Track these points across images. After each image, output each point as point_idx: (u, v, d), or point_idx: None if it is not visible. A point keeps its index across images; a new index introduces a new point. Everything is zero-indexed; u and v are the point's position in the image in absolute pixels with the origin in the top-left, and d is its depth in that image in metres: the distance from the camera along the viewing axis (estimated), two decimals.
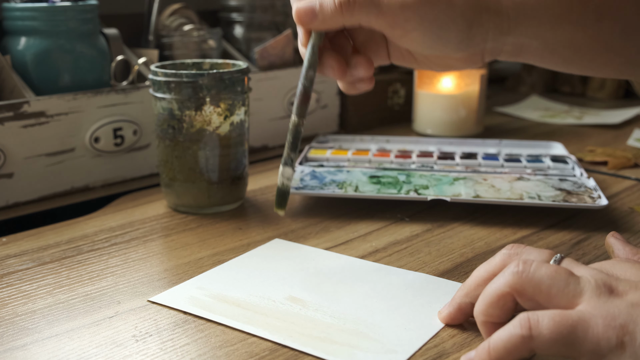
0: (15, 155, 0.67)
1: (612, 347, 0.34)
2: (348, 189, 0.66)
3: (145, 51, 0.82)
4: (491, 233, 0.60)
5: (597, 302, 0.35)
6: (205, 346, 0.42)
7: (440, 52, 0.48)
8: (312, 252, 0.56)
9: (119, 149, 0.74)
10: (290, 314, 0.46)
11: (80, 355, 0.41)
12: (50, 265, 0.54)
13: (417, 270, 0.53)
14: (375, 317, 0.45)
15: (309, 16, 0.47)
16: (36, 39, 0.70)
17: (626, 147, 0.89)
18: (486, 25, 0.48)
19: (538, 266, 0.37)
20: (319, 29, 0.48)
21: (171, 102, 0.61)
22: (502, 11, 0.48)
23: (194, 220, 0.63)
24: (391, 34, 0.47)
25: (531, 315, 0.35)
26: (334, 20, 0.47)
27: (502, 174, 0.71)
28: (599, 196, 0.64)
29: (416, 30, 0.47)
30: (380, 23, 0.46)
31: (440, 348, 0.42)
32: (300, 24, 0.48)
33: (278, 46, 0.89)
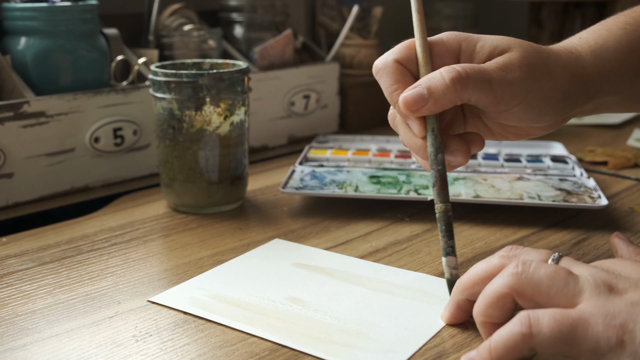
0: (15, 155, 0.67)
1: (612, 346, 0.34)
2: (348, 189, 0.66)
3: (145, 51, 0.82)
4: (491, 233, 0.60)
5: (597, 301, 0.35)
6: (205, 346, 0.42)
7: (536, 122, 0.48)
8: (312, 252, 0.56)
9: (119, 149, 0.74)
10: (290, 314, 0.46)
11: (80, 355, 0.41)
12: (50, 265, 0.54)
13: (417, 270, 0.53)
14: (375, 317, 0.45)
15: (419, 103, 0.45)
16: (36, 39, 0.70)
17: (626, 147, 0.89)
18: (579, 93, 0.48)
19: (537, 266, 0.37)
20: (432, 112, 0.46)
21: (171, 102, 0.61)
22: (588, 77, 0.49)
23: (194, 220, 0.63)
24: (494, 109, 0.47)
25: (531, 314, 0.35)
26: (446, 99, 0.45)
27: (502, 174, 0.71)
28: (599, 196, 0.64)
29: (520, 105, 0.46)
30: (488, 99, 0.46)
31: (440, 348, 0.42)
32: (410, 112, 0.46)
33: (278, 46, 0.89)
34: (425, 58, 0.47)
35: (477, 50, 0.47)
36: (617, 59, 0.49)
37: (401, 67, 0.47)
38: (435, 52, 0.47)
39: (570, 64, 0.48)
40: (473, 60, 0.47)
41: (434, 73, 0.46)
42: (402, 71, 0.47)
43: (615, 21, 0.51)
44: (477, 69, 0.45)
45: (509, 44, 0.47)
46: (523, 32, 1.31)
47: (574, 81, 0.48)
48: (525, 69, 0.46)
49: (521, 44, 0.47)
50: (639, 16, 0.51)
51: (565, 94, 0.48)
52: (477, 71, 0.45)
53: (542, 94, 0.47)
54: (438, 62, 0.47)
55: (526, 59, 0.46)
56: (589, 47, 0.49)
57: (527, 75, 0.46)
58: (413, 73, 0.48)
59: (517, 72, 0.46)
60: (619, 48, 0.49)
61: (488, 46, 0.47)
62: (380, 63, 0.47)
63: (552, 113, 0.48)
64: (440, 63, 0.47)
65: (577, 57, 0.49)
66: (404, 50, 0.47)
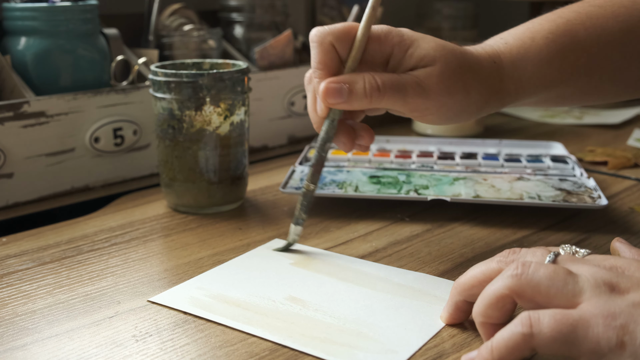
0: (15, 155, 0.67)
1: (612, 346, 0.34)
2: (348, 189, 0.66)
3: (145, 51, 0.82)
4: (491, 233, 0.60)
5: (597, 301, 0.35)
6: (205, 346, 0.42)
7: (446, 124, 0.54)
8: (312, 252, 0.56)
9: (119, 149, 0.74)
10: (290, 314, 0.46)
11: (80, 355, 0.41)
12: (50, 265, 0.54)
13: (417, 270, 0.53)
14: (375, 317, 0.45)
15: (336, 98, 0.49)
16: (36, 39, 0.70)
17: (626, 147, 0.89)
18: (493, 104, 0.52)
19: (536, 267, 0.37)
20: (343, 109, 0.50)
21: (171, 102, 0.61)
22: (504, 90, 0.52)
23: (194, 220, 0.63)
24: (407, 114, 0.51)
25: (532, 314, 0.35)
26: (359, 104, 0.49)
27: (502, 174, 0.71)
28: (599, 196, 0.64)
29: (432, 114, 0.50)
30: (402, 108, 0.50)
31: (440, 348, 0.42)
32: (324, 102, 0.49)
33: (278, 46, 0.89)
34: (359, 54, 0.50)
35: (405, 57, 0.50)
36: (534, 71, 0.52)
37: (333, 50, 0.49)
38: (369, 47, 0.50)
39: (490, 78, 0.51)
40: (400, 65, 0.50)
41: (358, 77, 0.49)
42: (332, 55, 0.49)
43: (540, 27, 0.53)
44: (396, 81, 0.48)
45: (435, 56, 0.49)
46: None
47: (491, 96, 0.51)
48: (442, 85, 0.49)
49: (446, 58, 0.49)
50: (563, 24, 0.53)
51: (479, 107, 0.51)
52: (396, 84, 0.48)
53: (455, 108, 0.50)
54: (368, 57, 0.50)
55: (445, 75, 0.49)
56: (510, 56, 0.52)
57: (441, 93, 0.49)
58: (341, 56, 0.50)
59: (432, 88, 0.49)
60: (538, 60, 0.52)
61: (416, 55, 0.49)
62: (316, 37, 0.49)
63: (465, 119, 0.52)
64: (370, 58, 0.50)
65: (498, 67, 0.51)
66: (342, 34, 0.49)
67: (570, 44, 0.52)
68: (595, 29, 0.52)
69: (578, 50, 0.52)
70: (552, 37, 0.52)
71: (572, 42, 0.52)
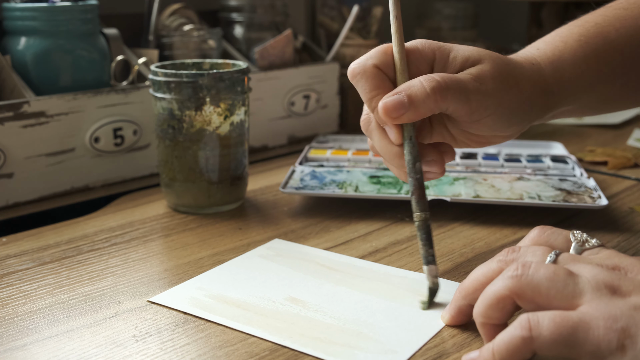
0: (15, 155, 0.67)
1: (613, 349, 0.34)
2: (348, 189, 0.66)
3: (145, 51, 0.82)
4: (491, 233, 0.60)
5: (598, 304, 0.35)
6: (205, 346, 0.42)
7: (503, 131, 0.50)
8: (312, 252, 0.56)
9: (119, 149, 0.74)
10: (290, 314, 0.46)
11: (80, 355, 0.41)
12: (50, 265, 0.54)
13: (417, 270, 0.53)
14: (376, 317, 0.45)
15: (399, 111, 0.46)
16: (36, 39, 0.70)
17: (626, 147, 0.89)
18: (541, 104, 0.50)
19: (536, 268, 0.37)
20: (411, 120, 0.46)
21: (171, 102, 0.61)
22: (549, 88, 0.50)
23: (194, 220, 0.63)
24: (467, 119, 0.48)
25: (531, 317, 0.35)
26: (426, 107, 0.46)
27: (502, 174, 0.71)
28: (599, 196, 0.64)
29: (491, 115, 0.48)
30: (464, 109, 0.47)
31: (440, 348, 0.42)
32: (389, 119, 0.46)
33: (278, 46, 0.89)
34: (403, 65, 0.47)
35: (450, 60, 0.48)
36: (573, 72, 0.51)
37: (380, 72, 0.47)
38: (410, 59, 0.48)
39: (533, 75, 0.50)
40: (446, 69, 0.48)
41: (413, 81, 0.46)
42: (381, 77, 0.47)
43: (570, 32, 0.52)
44: (455, 79, 0.46)
45: (480, 55, 0.48)
46: (523, 32, 1.31)
47: (538, 92, 0.50)
48: (497, 80, 0.47)
49: (491, 56, 0.48)
50: (592, 27, 0.52)
51: (531, 104, 0.49)
52: (455, 82, 0.46)
53: (512, 105, 0.48)
54: (414, 69, 0.48)
55: (497, 71, 0.47)
56: (547, 58, 0.51)
57: (499, 87, 0.47)
58: (390, 79, 0.48)
59: (490, 84, 0.47)
60: (574, 61, 0.51)
61: (460, 57, 0.48)
62: (359, 67, 0.47)
63: (518, 123, 0.50)
64: (416, 70, 0.48)
65: (538, 68, 0.50)
66: (382, 56, 0.48)
67: (604, 45, 0.52)
68: (626, 29, 0.52)
69: (612, 51, 0.52)
70: (585, 40, 0.52)
71: (604, 43, 0.52)
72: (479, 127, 0.49)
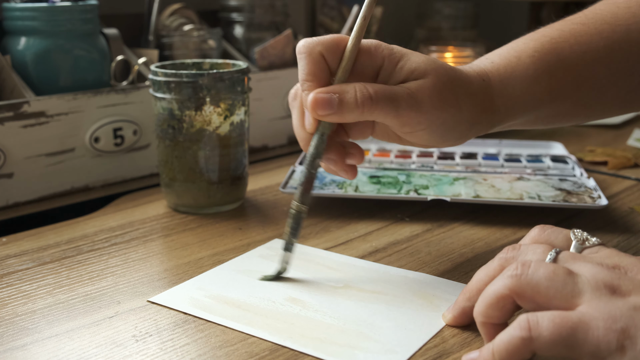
0: (15, 155, 0.67)
1: (612, 350, 0.34)
2: (348, 189, 0.66)
3: (145, 51, 0.82)
4: (491, 233, 0.60)
5: (597, 304, 0.35)
6: (205, 346, 0.42)
7: (436, 146, 0.51)
8: (312, 252, 0.56)
9: (119, 149, 0.74)
10: (290, 315, 0.46)
11: (80, 355, 0.41)
12: (50, 265, 0.54)
13: (417, 270, 0.53)
14: (376, 317, 0.45)
15: (325, 109, 0.46)
16: (36, 39, 0.70)
17: (626, 147, 0.89)
18: (484, 123, 0.51)
19: (536, 267, 0.37)
20: (333, 121, 0.48)
21: (171, 102, 0.61)
22: (494, 108, 0.51)
23: (194, 220, 0.63)
24: (398, 130, 0.49)
25: (531, 317, 0.35)
26: (350, 115, 0.46)
27: (502, 174, 0.71)
28: (599, 196, 0.64)
29: (424, 130, 0.48)
30: (393, 121, 0.47)
31: (440, 348, 0.42)
32: (313, 113, 0.47)
33: (278, 46, 0.89)
34: (349, 64, 0.48)
35: (396, 70, 0.48)
36: (522, 89, 0.51)
37: (323, 61, 0.47)
38: (359, 60, 0.48)
39: (479, 94, 0.50)
40: (390, 78, 0.48)
41: (348, 86, 0.46)
42: (322, 66, 0.47)
43: (525, 47, 0.52)
44: (389, 92, 0.46)
45: (426, 69, 0.48)
46: (523, 32, 1.31)
47: (481, 112, 0.50)
48: (435, 98, 0.47)
49: (437, 71, 0.48)
50: (547, 42, 0.52)
51: (470, 124, 0.50)
52: (388, 95, 0.46)
53: (447, 124, 0.48)
54: (359, 69, 0.48)
55: (438, 89, 0.47)
56: (499, 75, 0.51)
57: (435, 105, 0.47)
58: (330, 68, 0.48)
59: (425, 101, 0.47)
60: (525, 78, 0.51)
61: (407, 68, 0.48)
62: (305, 47, 0.47)
63: (455, 139, 0.50)
64: (360, 71, 0.48)
65: (487, 86, 0.50)
66: (332, 45, 0.47)
67: (556, 62, 0.51)
68: (580, 46, 0.52)
69: (564, 68, 0.52)
70: (538, 56, 0.52)
71: (557, 60, 0.52)
72: (412, 137, 0.49)
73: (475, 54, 0.99)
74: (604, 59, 0.52)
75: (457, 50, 1.02)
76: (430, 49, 1.01)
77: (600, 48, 0.52)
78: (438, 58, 0.53)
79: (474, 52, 1.00)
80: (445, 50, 1.02)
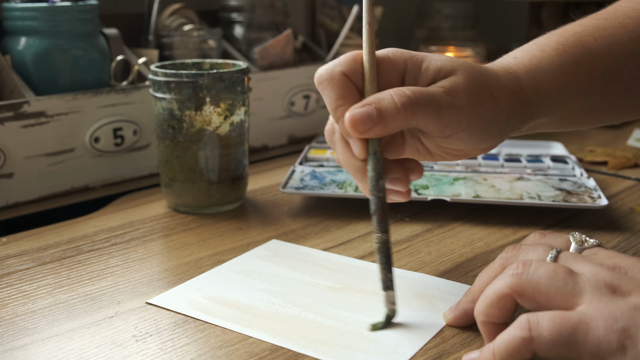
0: (15, 155, 0.67)
1: (613, 350, 0.34)
2: (348, 189, 0.66)
3: (145, 51, 0.82)
4: (491, 233, 0.60)
5: (598, 303, 0.35)
6: (205, 346, 0.42)
7: (479, 145, 0.47)
8: (310, 252, 0.56)
9: (119, 149, 0.74)
10: (290, 316, 0.46)
11: (80, 355, 0.41)
12: (50, 265, 0.54)
13: (417, 270, 0.53)
14: (376, 318, 0.45)
15: (367, 124, 0.43)
16: (36, 39, 0.70)
17: (626, 147, 0.89)
18: (519, 114, 0.48)
19: (537, 267, 0.37)
20: (378, 135, 0.44)
21: (171, 102, 0.61)
22: (526, 98, 0.48)
23: (194, 220, 0.63)
24: (440, 134, 0.45)
25: (531, 317, 0.35)
26: (395, 123, 0.43)
27: (502, 174, 0.71)
28: (599, 196, 0.64)
29: (466, 129, 0.45)
30: (436, 125, 0.44)
31: (440, 348, 0.42)
32: (356, 133, 0.43)
33: (278, 46, 0.89)
34: (373, 75, 0.45)
35: (422, 72, 0.46)
36: (551, 81, 0.49)
37: (348, 80, 0.44)
38: (381, 68, 0.45)
39: (509, 84, 0.47)
40: (418, 81, 0.46)
41: (383, 94, 0.43)
42: (349, 85, 0.44)
43: (548, 41, 0.51)
44: (427, 93, 0.44)
45: (453, 66, 0.46)
46: (523, 32, 1.31)
47: (515, 102, 0.47)
48: (471, 93, 0.45)
49: (465, 66, 0.46)
50: (571, 36, 0.50)
51: (508, 116, 0.47)
52: (427, 96, 0.43)
53: (487, 118, 0.46)
54: (384, 79, 0.45)
55: (471, 83, 0.45)
56: (524, 67, 0.49)
57: (472, 100, 0.45)
58: (358, 88, 0.45)
59: (463, 97, 0.44)
60: (552, 69, 0.49)
61: (433, 67, 0.45)
62: (326, 74, 0.44)
63: (496, 135, 0.47)
64: (386, 81, 0.45)
65: (515, 77, 0.48)
66: (351, 63, 0.45)
67: (582, 54, 0.50)
68: (605, 39, 0.50)
69: (590, 61, 0.50)
70: (563, 48, 0.50)
71: (583, 52, 0.50)
72: (453, 141, 0.46)
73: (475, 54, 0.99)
74: (630, 51, 0.51)
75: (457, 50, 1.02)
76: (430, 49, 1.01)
77: (626, 41, 0.50)
78: None
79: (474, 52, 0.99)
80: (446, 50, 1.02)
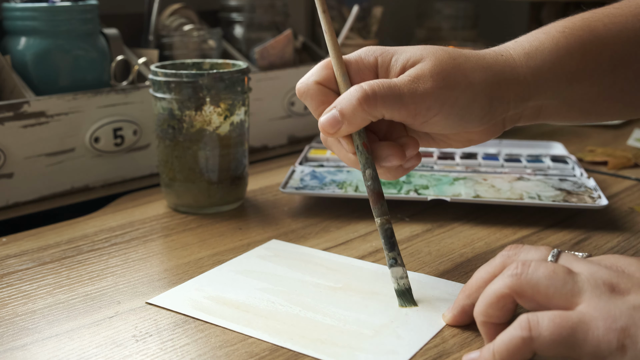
0: (15, 155, 0.67)
1: (613, 349, 0.34)
2: (348, 189, 0.66)
3: (145, 51, 0.82)
4: (491, 233, 0.60)
5: (597, 303, 0.35)
6: (205, 346, 0.42)
7: (463, 129, 0.48)
8: (310, 252, 0.56)
9: (119, 149, 0.74)
10: (290, 315, 0.46)
11: (80, 355, 0.41)
12: (50, 265, 0.54)
13: (417, 271, 0.53)
14: (376, 318, 0.45)
15: (334, 126, 0.46)
16: (36, 39, 0.70)
17: (626, 147, 0.89)
18: (507, 96, 0.47)
19: (536, 267, 0.37)
20: (349, 132, 0.47)
21: (171, 102, 0.61)
22: (520, 79, 0.48)
23: (194, 220, 0.63)
24: (413, 122, 0.47)
25: (531, 317, 0.35)
26: (359, 119, 0.45)
27: (502, 174, 0.71)
28: (599, 196, 0.64)
29: (437, 115, 0.46)
30: (402, 113, 0.46)
31: (440, 348, 0.42)
32: (329, 135, 0.47)
33: (278, 46, 0.89)
34: (342, 77, 0.47)
35: (392, 64, 0.47)
36: (553, 60, 0.48)
37: (323, 88, 0.47)
38: (354, 69, 0.47)
39: (495, 66, 0.47)
40: (389, 74, 0.47)
41: (345, 93, 0.46)
42: (325, 92, 0.47)
43: (554, 25, 0.50)
44: (387, 85, 0.45)
45: (422, 54, 0.47)
46: (523, 32, 1.31)
47: (496, 83, 0.47)
48: (438, 77, 0.45)
49: (435, 53, 0.47)
50: (579, 21, 0.50)
51: (488, 97, 0.47)
52: (387, 87, 0.45)
53: (461, 102, 0.46)
54: (358, 79, 0.47)
55: (438, 68, 0.46)
56: (522, 49, 0.49)
57: (440, 85, 0.45)
58: (335, 92, 0.48)
59: (429, 83, 0.45)
60: (555, 49, 0.48)
61: (402, 59, 0.47)
62: (302, 86, 0.48)
63: (478, 119, 0.47)
64: (360, 80, 0.47)
65: (507, 59, 0.48)
66: (323, 70, 0.47)
67: (590, 37, 0.49)
68: (615, 25, 0.49)
69: (598, 45, 0.49)
70: (569, 31, 0.49)
71: (591, 35, 0.49)
72: (432, 127, 0.47)
73: None
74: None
75: None
76: None
77: (637, 29, 0.49)
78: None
79: None
80: None
